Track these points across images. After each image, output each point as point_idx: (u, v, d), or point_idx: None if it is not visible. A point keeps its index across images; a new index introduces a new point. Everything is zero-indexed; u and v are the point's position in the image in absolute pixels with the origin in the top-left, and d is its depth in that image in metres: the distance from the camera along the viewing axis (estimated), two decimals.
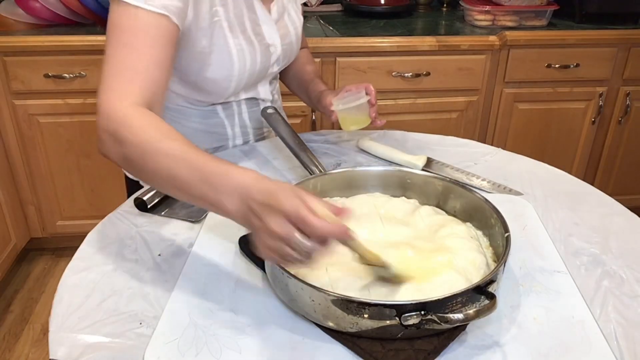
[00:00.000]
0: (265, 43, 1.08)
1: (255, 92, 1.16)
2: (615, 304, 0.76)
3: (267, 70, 1.13)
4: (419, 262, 0.76)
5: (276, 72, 1.18)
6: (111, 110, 0.79)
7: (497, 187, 1.05)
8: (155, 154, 0.74)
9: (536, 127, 2.20)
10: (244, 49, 1.03)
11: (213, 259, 0.83)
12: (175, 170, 0.72)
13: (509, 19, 2.11)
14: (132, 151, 0.76)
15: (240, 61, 1.03)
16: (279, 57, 1.14)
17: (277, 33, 1.10)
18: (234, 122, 1.17)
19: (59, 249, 2.33)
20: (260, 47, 1.07)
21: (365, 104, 1.09)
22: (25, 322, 1.98)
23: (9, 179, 2.05)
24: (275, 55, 1.12)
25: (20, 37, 1.87)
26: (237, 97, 1.14)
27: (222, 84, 1.05)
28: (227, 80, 1.04)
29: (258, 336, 0.69)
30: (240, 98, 1.15)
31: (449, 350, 0.67)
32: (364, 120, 1.11)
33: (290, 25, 1.15)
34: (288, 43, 1.15)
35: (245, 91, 1.14)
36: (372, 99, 1.09)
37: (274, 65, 1.14)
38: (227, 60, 1.02)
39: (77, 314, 0.73)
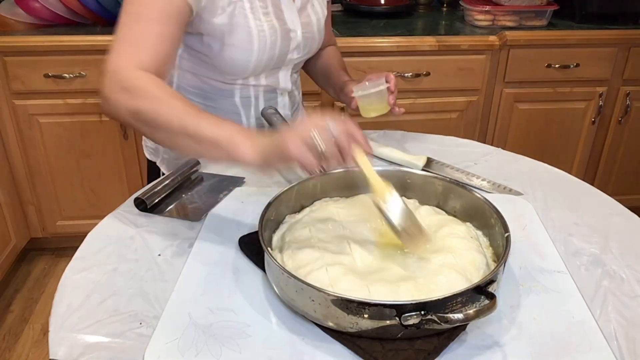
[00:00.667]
0: (286, 28, 1.09)
1: (275, 80, 1.17)
2: (615, 304, 0.76)
3: (287, 56, 1.14)
4: (419, 262, 0.76)
5: (296, 60, 1.18)
6: (120, 69, 0.85)
7: (497, 187, 1.05)
8: (166, 106, 0.81)
9: (536, 127, 2.20)
10: (265, 31, 1.05)
11: (213, 259, 0.83)
12: (187, 119, 0.80)
13: (509, 19, 2.11)
14: (144, 103, 0.82)
15: (260, 42, 1.05)
16: (299, 45, 1.15)
17: (299, 20, 1.12)
18: (250, 112, 1.18)
19: (59, 249, 2.33)
20: (281, 31, 1.08)
21: (385, 91, 1.11)
22: (25, 322, 1.98)
23: (9, 179, 2.05)
24: (295, 41, 1.13)
25: (20, 37, 1.87)
26: (257, 82, 1.15)
27: (241, 63, 1.06)
28: (246, 60, 1.06)
29: (258, 336, 0.69)
30: (260, 83, 1.15)
31: (449, 350, 0.67)
32: (383, 107, 1.13)
33: (313, 15, 1.17)
34: (310, 32, 1.16)
35: (266, 77, 1.15)
36: (391, 86, 1.11)
37: (294, 52, 1.15)
38: (247, 40, 1.04)
39: (77, 314, 0.73)
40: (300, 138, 0.72)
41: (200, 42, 1.05)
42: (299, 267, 0.75)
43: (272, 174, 1.03)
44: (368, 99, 1.12)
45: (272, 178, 1.05)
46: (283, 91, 1.21)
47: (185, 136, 0.80)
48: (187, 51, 1.10)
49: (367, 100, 1.12)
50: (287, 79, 1.20)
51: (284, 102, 1.23)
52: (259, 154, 0.76)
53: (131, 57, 0.87)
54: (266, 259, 0.75)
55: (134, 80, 0.84)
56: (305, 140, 0.72)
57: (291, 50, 1.14)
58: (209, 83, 1.13)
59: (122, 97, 0.83)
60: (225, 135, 0.78)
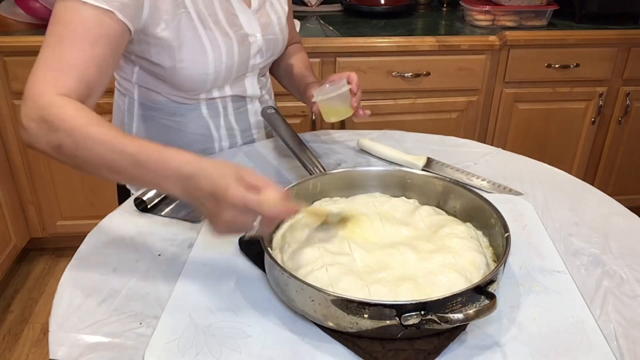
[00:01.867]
0: (242, 33, 1.04)
1: (242, 88, 1.13)
2: (615, 304, 0.76)
3: (249, 62, 1.09)
4: (419, 262, 0.76)
5: (261, 64, 1.13)
6: (38, 97, 0.77)
7: (497, 187, 1.05)
8: (87, 140, 0.73)
9: (536, 127, 2.20)
10: (218, 40, 1.00)
11: (213, 259, 0.83)
12: (108, 156, 0.73)
13: (509, 19, 2.11)
14: (63, 137, 0.74)
15: (215, 53, 1.00)
16: (262, 49, 1.10)
17: (257, 22, 1.07)
18: (219, 123, 1.13)
19: (59, 249, 2.33)
20: (236, 37, 1.03)
21: (347, 94, 1.04)
22: (25, 322, 1.98)
23: (9, 179, 2.05)
24: (255, 45, 1.08)
25: (20, 37, 1.87)
26: (222, 93, 1.10)
27: (198, 78, 1.01)
28: (203, 74, 1.01)
29: (258, 336, 0.69)
30: (226, 94, 1.11)
31: (449, 350, 0.67)
32: (345, 111, 1.06)
33: (273, 14, 1.11)
34: (271, 33, 1.11)
35: (231, 86, 1.10)
36: (353, 87, 1.04)
37: (257, 57, 1.10)
38: (200, 54, 0.98)
39: (77, 314, 0.73)
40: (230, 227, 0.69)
41: (150, 61, 0.99)
42: (299, 267, 0.75)
43: None
44: (329, 102, 1.05)
45: None
46: (252, 98, 1.16)
47: (110, 172, 0.76)
48: (142, 70, 1.04)
49: (328, 104, 1.05)
50: (255, 85, 1.15)
51: (255, 108, 1.18)
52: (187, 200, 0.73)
53: (53, 81, 0.79)
54: (266, 259, 0.75)
55: (54, 109, 0.76)
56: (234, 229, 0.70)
57: (252, 55, 1.08)
58: (171, 99, 1.08)
59: (42, 129, 0.75)
60: (149, 176, 0.72)
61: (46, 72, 0.80)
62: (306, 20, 2.17)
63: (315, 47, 1.91)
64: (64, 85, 0.79)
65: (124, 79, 1.09)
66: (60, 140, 0.74)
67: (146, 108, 1.10)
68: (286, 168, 1.11)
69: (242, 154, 1.17)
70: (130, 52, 1.00)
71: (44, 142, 0.76)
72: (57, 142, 0.75)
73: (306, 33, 1.98)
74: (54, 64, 0.80)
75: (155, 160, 0.71)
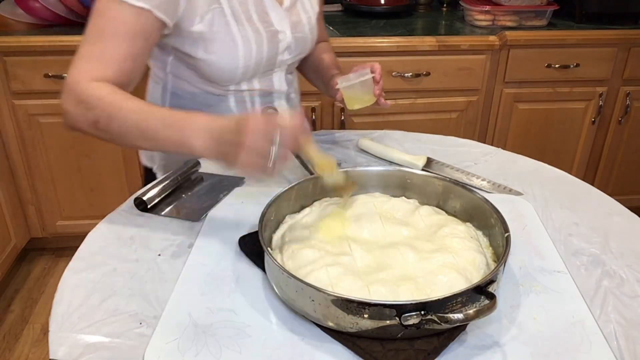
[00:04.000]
0: (272, 30, 1.08)
1: (269, 83, 1.16)
2: (615, 304, 0.76)
3: (277, 58, 1.12)
4: (419, 262, 0.77)
5: (289, 61, 1.16)
6: (77, 84, 0.86)
7: (497, 187, 1.05)
8: (121, 111, 0.84)
9: (536, 127, 2.20)
10: (250, 36, 1.04)
11: (213, 259, 0.83)
12: (141, 122, 0.82)
13: (509, 19, 2.11)
14: (100, 113, 0.84)
15: (245, 48, 1.04)
16: (290, 46, 1.13)
17: (287, 20, 1.11)
18: None
19: (59, 249, 2.33)
20: (267, 34, 1.07)
21: (370, 82, 1.07)
22: (25, 322, 1.98)
23: (9, 179, 2.05)
24: (284, 42, 1.11)
25: (20, 37, 1.87)
26: (250, 86, 1.14)
27: (228, 70, 1.06)
28: (233, 67, 1.05)
29: (258, 336, 0.69)
30: (254, 88, 1.14)
31: (449, 350, 0.67)
32: (368, 99, 1.09)
33: (304, 14, 1.15)
34: (300, 32, 1.14)
35: (260, 80, 1.14)
36: (377, 76, 1.07)
37: (285, 53, 1.13)
38: (232, 48, 1.03)
39: (77, 314, 0.73)
40: (254, 152, 0.74)
41: (184, 52, 1.04)
42: (299, 267, 0.75)
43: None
44: (352, 90, 1.08)
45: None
46: (279, 94, 1.19)
47: (142, 139, 0.84)
48: (176, 59, 1.09)
49: (351, 92, 1.09)
50: (282, 80, 1.18)
51: (281, 104, 1.21)
52: (211, 151, 0.79)
53: (92, 72, 0.87)
54: (266, 259, 0.75)
55: (89, 91, 0.86)
56: (258, 154, 0.74)
57: (281, 51, 1.12)
58: (202, 89, 1.11)
59: (81, 109, 0.86)
60: (178, 137, 0.81)
61: (86, 64, 0.88)
62: None
63: None
64: (102, 76, 0.88)
65: (159, 69, 1.14)
66: (97, 116, 0.84)
67: (177, 97, 1.14)
68: (286, 168, 1.11)
69: None
70: (165, 43, 1.05)
71: (82, 121, 0.86)
72: (94, 119, 0.85)
73: None
74: (94, 57, 0.89)
75: (184, 119, 0.82)
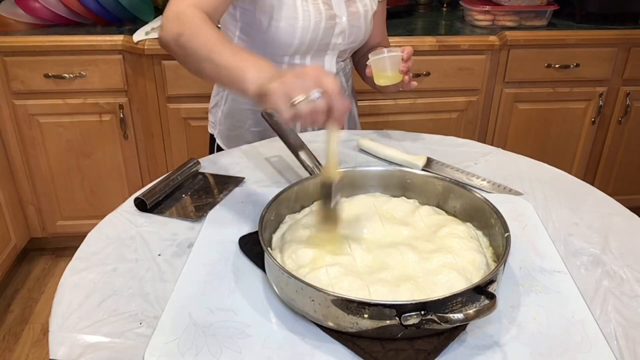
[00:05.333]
0: (331, 13, 1.18)
1: (321, 63, 1.25)
2: (615, 304, 0.76)
3: (331, 39, 1.21)
4: (419, 262, 0.77)
5: (342, 46, 1.24)
6: (177, 6, 0.98)
7: (497, 187, 1.05)
8: (204, 32, 0.92)
9: (536, 127, 2.20)
10: (310, 12, 1.15)
11: (213, 259, 0.83)
12: (215, 44, 0.90)
13: (509, 19, 2.11)
14: (187, 28, 0.94)
15: (304, 21, 1.15)
16: (345, 32, 1.21)
17: (345, 7, 1.20)
18: None
19: (59, 249, 2.33)
20: (326, 14, 1.17)
21: (399, 58, 1.14)
22: (25, 322, 1.98)
23: (9, 179, 2.05)
24: (339, 26, 1.20)
25: (20, 37, 1.87)
26: (303, 62, 1.23)
27: (285, 38, 1.16)
28: (290, 35, 1.15)
29: (258, 336, 0.69)
30: (306, 63, 1.23)
31: (449, 350, 0.67)
32: (394, 76, 1.15)
33: (361, 6, 1.23)
34: (356, 21, 1.22)
35: (312, 58, 1.23)
36: (405, 55, 1.14)
37: (339, 37, 1.21)
38: (293, 18, 1.14)
39: (77, 314, 0.73)
40: (287, 94, 0.75)
41: (253, 17, 1.16)
42: (299, 267, 0.75)
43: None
44: (381, 63, 1.15)
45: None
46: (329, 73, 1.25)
47: (208, 61, 0.90)
48: (242, 26, 1.20)
49: (379, 66, 1.15)
50: (333, 64, 1.26)
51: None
52: (254, 91, 0.82)
53: (191, 3, 0.98)
54: (266, 259, 0.75)
55: (187, 11, 0.96)
56: (290, 97, 0.75)
57: (335, 34, 1.20)
58: None
59: (174, 25, 0.96)
60: (239, 65, 0.85)
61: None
62: None
63: None
64: (199, 4, 0.99)
65: (228, 38, 1.24)
66: (183, 30, 0.93)
67: None
68: (286, 168, 1.11)
69: (242, 153, 1.17)
70: (235, 9, 1.18)
71: (170, 32, 0.95)
72: (180, 31, 0.94)
73: None
74: None
75: (250, 53, 0.90)
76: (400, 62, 1.14)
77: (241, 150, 1.18)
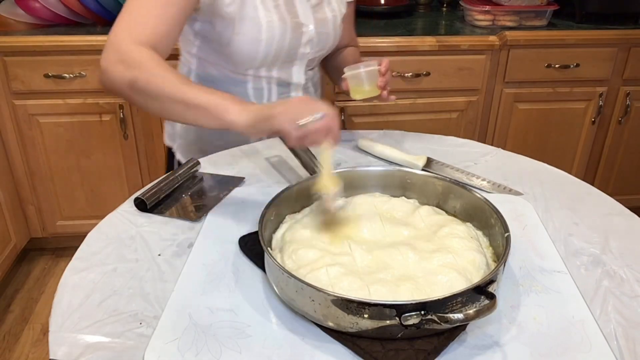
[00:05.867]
0: (297, 21, 1.12)
1: (288, 73, 1.20)
2: (615, 304, 0.76)
3: (298, 50, 1.16)
4: (419, 262, 0.77)
5: (310, 55, 1.19)
6: (119, 43, 0.91)
7: (497, 187, 1.05)
8: (161, 74, 0.88)
9: (536, 127, 2.20)
10: (274, 23, 1.09)
11: (213, 259, 0.83)
12: (181, 85, 0.87)
13: (509, 19, 2.11)
14: (139, 74, 0.88)
15: (268, 33, 1.08)
16: (312, 40, 1.16)
17: (312, 15, 1.14)
18: (262, 102, 1.19)
19: (59, 249, 2.33)
20: (291, 24, 1.11)
21: (375, 73, 1.09)
22: (25, 322, 1.98)
23: (9, 179, 2.05)
24: (307, 35, 1.15)
25: (20, 37, 1.87)
26: (269, 74, 1.18)
27: (249, 53, 1.10)
28: (254, 50, 1.10)
29: (258, 336, 0.69)
30: (272, 75, 1.18)
31: (449, 350, 0.67)
32: (371, 89, 1.10)
33: (329, 12, 1.18)
34: (324, 28, 1.17)
35: (279, 70, 1.18)
36: (382, 68, 1.09)
37: (307, 46, 1.17)
38: (256, 30, 1.08)
39: (77, 314, 0.73)
40: (293, 118, 0.81)
41: (213, 30, 1.09)
42: (299, 267, 0.75)
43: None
44: (357, 79, 1.10)
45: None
46: (296, 86, 1.22)
47: (176, 103, 0.86)
48: (202, 39, 1.14)
49: (356, 81, 1.10)
50: (301, 74, 1.21)
51: (297, 96, 1.23)
52: (248, 119, 0.83)
53: (130, 32, 0.92)
54: (266, 259, 0.75)
55: (131, 53, 0.90)
56: (296, 119, 0.81)
57: (303, 44, 1.15)
58: (222, 72, 1.16)
59: (119, 69, 0.89)
60: (214, 101, 0.85)
61: (125, 24, 0.94)
62: None
63: None
64: (139, 35, 0.92)
65: (186, 52, 1.21)
66: (135, 76, 0.88)
67: (201, 79, 1.20)
68: (286, 168, 1.11)
69: (242, 153, 1.17)
70: (197, 27, 1.12)
71: (119, 80, 0.90)
72: (132, 79, 0.88)
73: None
74: (132, 18, 0.94)
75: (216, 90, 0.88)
76: (377, 76, 1.09)
77: (241, 150, 1.18)
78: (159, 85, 0.87)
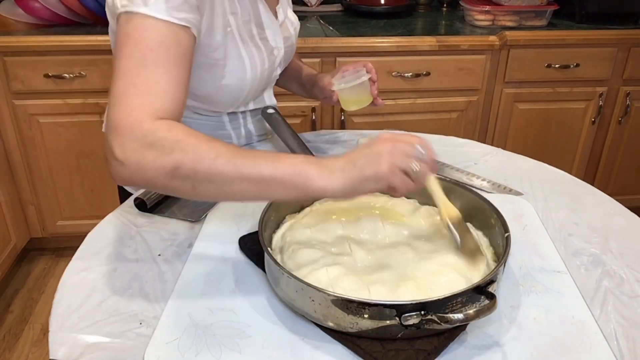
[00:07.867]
0: (269, 47, 1.06)
1: (261, 101, 1.15)
2: (615, 304, 0.76)
3: (273, 74, 1.11)
4: (419, 262, 0.76)
5: (279, 75, 1.16)
6: (138, 125, 0.70)
7: (497, 187, 1.05)
8: (210, 153, 0.69)
9: (536, 127, 2.20)
10: (255, 56, 1.01)
11: (213, 259, 0.83)
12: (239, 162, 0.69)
13: (509, 19, 2.11)
14: (180, 157, 0.68)
15: (252, 69, 1.01)
16: (282, 60, 1.12)
17: (280, 36, 1.08)
18: (240, 133, 1.16)
19: (59, 249, 2.33)
20: (266, 52, 1.04)
21: (367, 82, 1.07)
22: (25, 322, 1.98)
23: (9, 179, 2.05)
24: (279, 57, 1.10)
25: (20, 37, 1.87)
26: (246, 107, 1.12)
27: (235, 93, 1.02)
28: (240, 89, 1.02)
29: (258, 336, 0.69)
30: (248, 108, 1.13)
31: (449, 350, 0.67)
32: (365, 99, 1.08)
33: (290, 26, 1.15)
34: (290, 45, 1.14)
35: (254, 100, 1.13)
36: (372, 76, 1.06)
37: (278, 69, 1.12)
38: (241, 70, 0.99)
39: (77, 314, 0.73)
40: (397, 164, 0.69)
41: (193, 75, 0.88)
42: (299, 267, 0.75)
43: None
44: (350, 91, 1.06)
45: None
46: (269, 108, 1.18)
47: (242, 181, 0.69)
48: None
49: (348, 93, 1.07)
50: (271, 95, 1.18)
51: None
52: (341, 185, 0.69)
53: (146, 107, 0.73)
54: (266, 259, 0.75)
55: (160, 133, 0.70)
56: (402, 167, 0.69)
57: (276, 67, 1.11)
58: (198, 113, 1.08)
59: (150, 156, 0.69)
60: (291, 170, 0.69)
61: (137, 98, 0.73)
62: (306, 20, 2.17)
63: (315, 47, 1.91)
64: (161, 108, 0.74)
65: None
66: (177, 160, 0.68)
67: None
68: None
69: None
70: None
71: (153, 170, 0.69)
72: (173, 165, 0.68)
73: (306, 33, 1.98)
74: (144, 89, 0.74)
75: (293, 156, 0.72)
76: (369, 86, 1.07)
77: None
78: (211, 165, 0.68)
